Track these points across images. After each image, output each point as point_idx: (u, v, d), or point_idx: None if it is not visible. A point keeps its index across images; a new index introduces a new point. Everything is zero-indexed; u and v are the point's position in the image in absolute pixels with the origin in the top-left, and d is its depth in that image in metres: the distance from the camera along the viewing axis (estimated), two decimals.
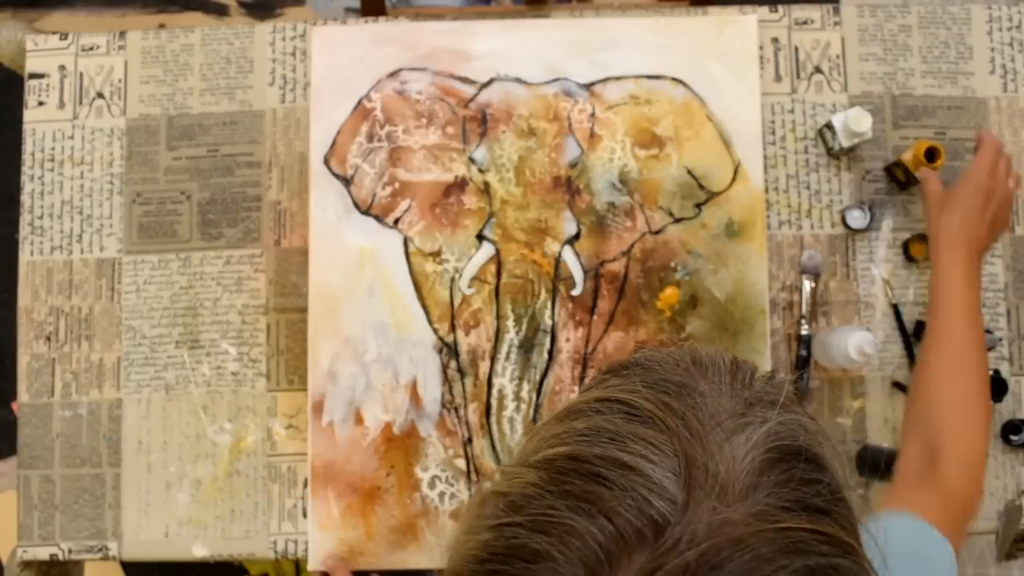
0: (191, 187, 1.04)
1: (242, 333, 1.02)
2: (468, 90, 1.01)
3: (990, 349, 0.91)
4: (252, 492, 1.00)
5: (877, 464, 0.94)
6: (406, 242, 0.99)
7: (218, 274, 1.03)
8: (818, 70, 1.04)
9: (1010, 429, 0.97)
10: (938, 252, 0.85)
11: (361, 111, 1.01)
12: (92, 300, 1.03)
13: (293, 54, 1.05)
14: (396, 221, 0.99)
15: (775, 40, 1.04)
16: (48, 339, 1.03)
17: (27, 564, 1.00)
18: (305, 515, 0.98)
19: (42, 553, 1.00)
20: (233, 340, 1.02)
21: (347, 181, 1.00)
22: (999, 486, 0.98)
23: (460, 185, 1.00)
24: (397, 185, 1.00)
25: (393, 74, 1.01)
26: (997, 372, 0.96)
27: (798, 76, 1.04)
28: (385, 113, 1.01)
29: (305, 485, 0.99)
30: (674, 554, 0.32)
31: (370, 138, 1.01)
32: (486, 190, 0.99)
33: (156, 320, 1.02)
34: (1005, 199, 0.89)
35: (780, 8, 1.05)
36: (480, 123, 1.00)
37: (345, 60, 1.01)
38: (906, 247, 1.01)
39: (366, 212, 1.00)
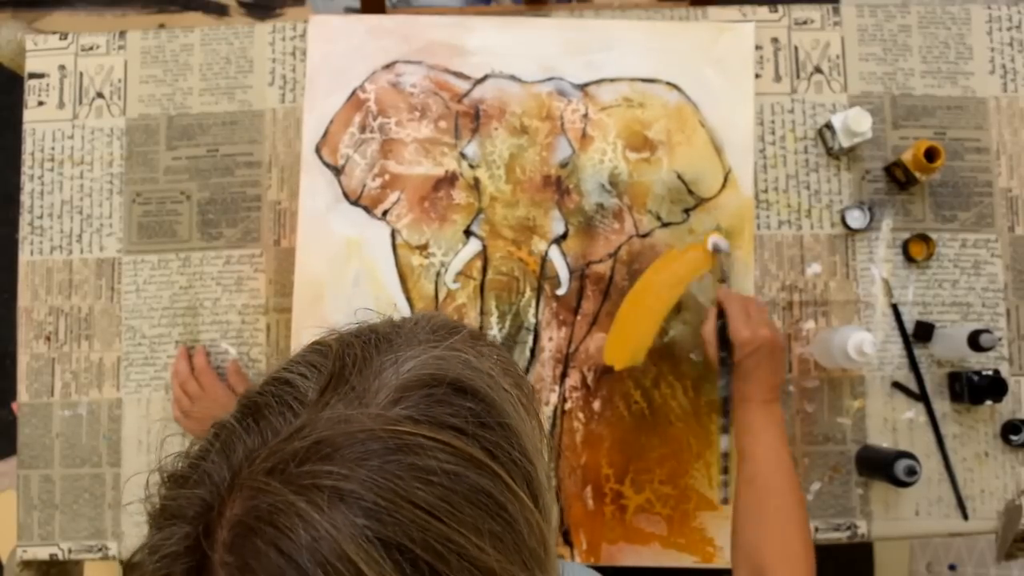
0: (191, 187, 1.04)
1: (242, 333, 1.02)
2: (462, 85, 1.01)
3: (989, 349, 0.91)
4: None
5: (877, 464, 0.94)
6: (393, 234, 0.99)
7: (218, 274, 1.03)
8: (818, 70, 1.04)
9: (1010, 429, 0.97)
10: (733, 406, 0.89)
11: (355, 102, 1.01)
12: (92, 300, 1.03)
13: (293, 54, 1.05)
14: (384, 213, 1.00)
15: (775, 40, 1.04)
16: (48, 339, 1.03)
17: (27, 564, 1.00)
18: None
19: (42, 553, 1.00)
20: (233, 340, 1.02)
21: (337, 171, 1.00)
22: (999, 486, 0.98)
23: (450, 180, 1.00)
24: (387, 177, 1.00)
25: (388, 66, 1.01)
26: (997, 372, 0.96)
27: (798, 76, 1.04)
28: (379, 104, 1.01)
29: None
30: (289, 441, 0.39)
31: (362, 129, 1.01)
32: (476, 186, 0.99)
33: (156, 320, 1.02)
34: (772, 345, 0.87)
35: (780, 8, 1.05)
36: (473, 119, 1.00)
37: (341, 50, 1.02)
38: (906, 247, 1.01)
39: (355, 202, 1.00)
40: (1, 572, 1.63)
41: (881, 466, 0.92)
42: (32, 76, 1.06)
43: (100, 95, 1.06)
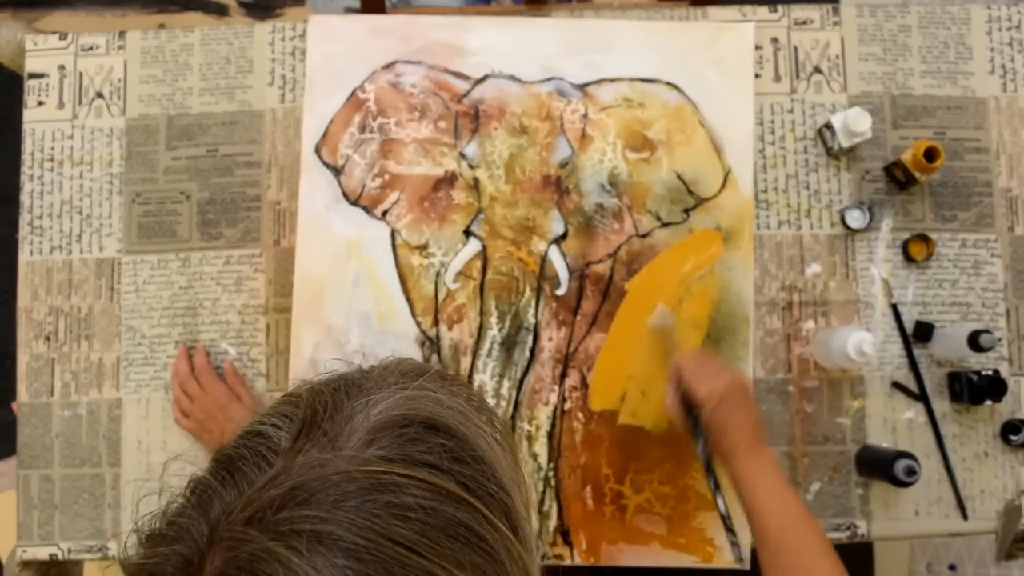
0: (191, 187, 1.04)
1: (241, 333, 1.02)
2: (462, 85, 1.01)
3: (989, 349, 0.91)
4: None
5: (877, 464, 0.94)
6: (393, 234, 0.99)
7: (217, 274, 1.03)
8: (817, 70, 1.04)
9: (1010, 429, 0.97)
10: (723, 465, 0.84)
11: (354, 102, 1.01)
12: (92, 300, 1.03)
13: (292, 54, 1.05)
14: (384, 213, 1.00)
15: (774, 40, 1.04)
16: (48, 339, 1.03)
17: (27, 564, 1.00)
18: None
19: (42, 553, 1.00)
20: (232, 340, 1.02)
21: (337, 171, 1.00)
22: (999, 486, 0.98)
23: (450, 180, 1.00)
24: (387, 177, 1.00)
25: (388, 66, 1.01)
26: (997, 372, 0.96)
27: (797, 76, 1.04)
28: (378, 105, 1.01)
29: None
30: (265, 489, 0.39)
31: (362, 129, 1.01)
32: (475, 186, 0.99)
33: (156, 320, 1.02)
34: (733, 390, 0.84)
35: (780, 8, 1.05)
36: (473, 119, 1.00)
37: (341, 50, 1.02)
38: (905, 247, 1.01)
39: (355, 203, 1.00)
40: (1, 572, 1.64)
41: (881, 466, 0.92)
42: (32, 76, 1.06)
43: (100, 95, 1.06)
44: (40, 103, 1.06)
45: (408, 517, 0.39)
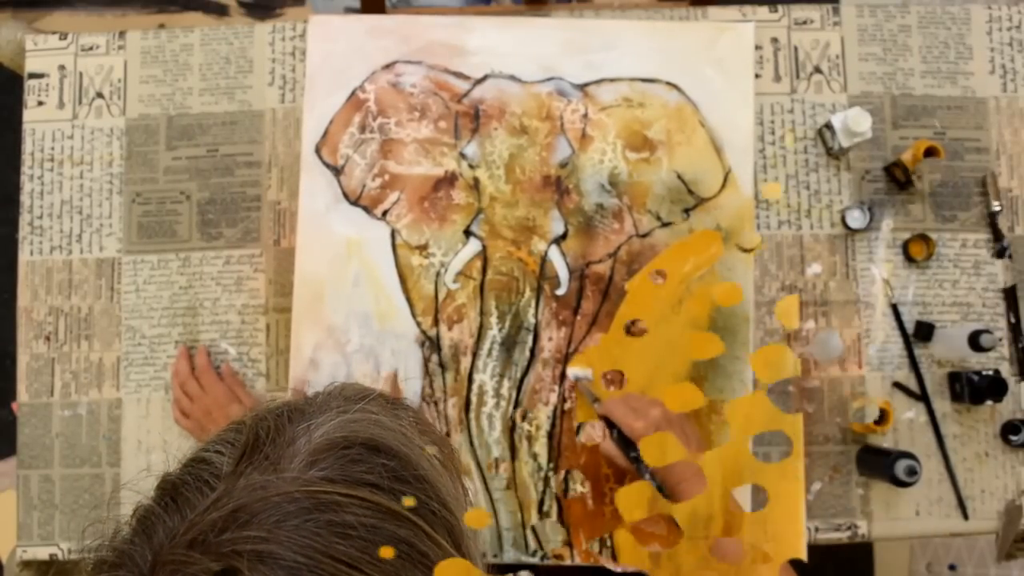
0: (191, 187, 1.04)
1: (241, 333, 1.02)
2: (462, 85, 1.01)
3: (989, 349, 0.91)
4: None
5: (877, 464, 0.94)
6: (393, 234, 0.99)
7: (217, 274, 1.03)
8: (817, 70, 1.04)
9: (1010, 429, 0.97)
10: (680, 499, 0.83)
11: (354, 102, 1.01)
12: (92, 300, 1.03)
13: (293, 54, 1.05)
14: (384, 213, 1.00)
15: (774, 40, 1.04)
16: (48, 339, 1.03)
17: (27, 564, 1.00)
18: None
19: (42, 553, 1.00)
20: (232, 340, 1.02)
21: (337, 171, 1.00)
22: (999, 486, 0.98)
23: (450, 180, 1.00)
24: (387, 177, 1.00)
25: (388, 66, 1.01)
26: (997, 372, 0.96)
27: (797, 76, 1.04)
28: (378, 105, 1.01)
29: None
30: (207, 512, 0.40)
31: (362, 129, 1.01)
32: (475, 186, 0.99)
33: (156, 320, 1.02)
34: (668, 420, 0.84)
35: (780, 8, 1.05)
36: (473, 119, 1.00)
37: (341, 50, 1.02)
38: (906, 247, 1.01)
39: (355, 203, 1.00)
40: (1, 572, 1.64)
41: (881, 466, 0.92)
42: (32, 76, 1.06)
43: (100, 95, 1.06)
44: (40, 103, 1.06)
45: (349, 535, 0.39)
